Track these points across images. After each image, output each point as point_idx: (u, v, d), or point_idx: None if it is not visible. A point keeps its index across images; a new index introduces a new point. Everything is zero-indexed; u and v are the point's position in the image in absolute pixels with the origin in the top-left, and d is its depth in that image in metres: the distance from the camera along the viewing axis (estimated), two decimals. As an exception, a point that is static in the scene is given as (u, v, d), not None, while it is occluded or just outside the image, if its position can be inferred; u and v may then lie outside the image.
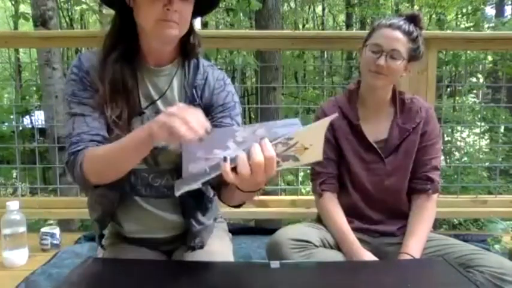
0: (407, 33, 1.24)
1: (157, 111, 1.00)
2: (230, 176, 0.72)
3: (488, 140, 5.31)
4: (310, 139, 0.74)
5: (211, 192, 1.14)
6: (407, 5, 9.21)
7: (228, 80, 1.10)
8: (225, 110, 1.05)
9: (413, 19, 1.28)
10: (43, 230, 1.68)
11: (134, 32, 1.01)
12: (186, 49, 1.05)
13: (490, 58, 6.35)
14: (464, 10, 9.29)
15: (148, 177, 1.05)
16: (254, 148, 0.71)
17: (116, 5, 1.01)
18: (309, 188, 2.18)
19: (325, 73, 8.24)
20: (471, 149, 4.82)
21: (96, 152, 0.92)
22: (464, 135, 5.78)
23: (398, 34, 1.24)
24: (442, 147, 1.43)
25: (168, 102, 1.02)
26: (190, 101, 1.02)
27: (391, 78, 1.27)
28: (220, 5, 8.15)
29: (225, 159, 0.72)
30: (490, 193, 2.57)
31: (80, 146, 0.94)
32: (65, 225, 2.86)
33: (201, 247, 1.10)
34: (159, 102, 1.03)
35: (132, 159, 0.90)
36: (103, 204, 1.05)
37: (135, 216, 1.08)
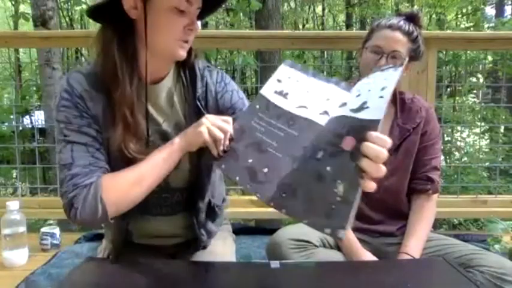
0: (408, 34, 1.24)
1: (162, 132, 0.97)
2: (372, 185, 0.61)
3: (488, 140, 5.31)
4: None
5: (220, 200, 1.15)
6: (407, 4, 9.21)
7: (228, 79, 1.05)
8: (236, 110, 1.00)
9: (412, 18, 1.27)
10: (43, 230, 1.68)
11: (133, 46, 0.90)
12: (184, 61, 0.97)
13: (490, 58, 6.34)
14: (464, 10, 9.29)
15: (159, 197, 1.01)
16: (373, 149, 0.59)
17: (113, 15, 0.88)
18: (309, 188, 2.17)
19: (325, 73, 8.23)
20: (471, 149, 4.82)
21: (118, 178, 0.86)
22: (464, 135, 5.77)
23: (399, 35, 1.24)
24: (442, 147, 1.43)
25: (171, 121, 0.98)
26: (197, 114, 0.97)
27: None
28: (220, 5, 8.16)
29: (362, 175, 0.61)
30: (490, 193, 2.57)
31: (93, 177, 0.85)
32: (65, 225, 2.86)
33: (204, 247, 1.10)
34: (163, 124, 0.98)
35: (163, 175, 0.89)
36: (115, 225, 1.02)
37: (145, 230, 1.07)
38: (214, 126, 0.82)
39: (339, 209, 0.61)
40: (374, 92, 0.67)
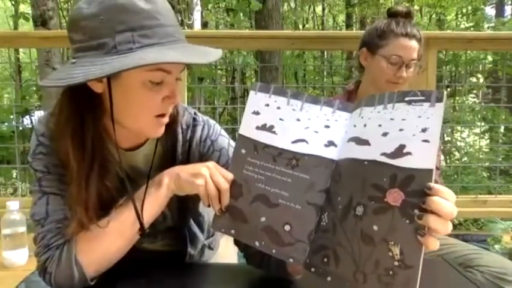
0: (419, 40, 1.24)
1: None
2: (436, 243, 0.55)
3: (488, 140, 5.32)
4: None
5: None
6: (408, 5, 9.22)
7: (215, 134, 0.88)
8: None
9: (408, 14, 1.28)
10: (43, 230, 1.67)
11: (96, 117, 0.75)
12: (166, 127, 0.80)
13: (490, 58, 6.35)
14: (464, 10, 9.29)
15: (143, 241, 0.87)
16: (445, 205, 0.53)
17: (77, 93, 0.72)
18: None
19: (325, 73, 8.25)
20: (471, 149, 4.83)
21: (96, 232, 0.73)
22: (464, 135, 5.78)
23: (414, 43, 1.23)
24: (442, 147, 1.43)
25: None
26: None
27: (404, 85, 1.27)
28: (220, 5, 8.17)
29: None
30: (490, 193, 2.57)
31: (66, 235, 0.73)
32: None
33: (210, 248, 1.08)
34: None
35: (150, 222, 0.77)
36: None
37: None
38: (212, 181, 0.69)
39: (400, 276, 0.53)
40: (410, 133, 0.56)
